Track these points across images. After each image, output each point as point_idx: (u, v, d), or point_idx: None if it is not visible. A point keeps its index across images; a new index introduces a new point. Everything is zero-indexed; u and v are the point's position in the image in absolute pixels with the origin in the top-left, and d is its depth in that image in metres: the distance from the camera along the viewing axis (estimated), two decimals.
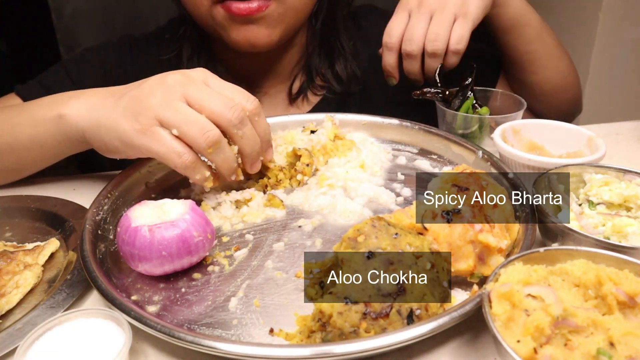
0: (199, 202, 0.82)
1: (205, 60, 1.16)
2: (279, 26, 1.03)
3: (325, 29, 1.17)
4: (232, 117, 0.74)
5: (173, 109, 0.73)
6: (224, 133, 0.76)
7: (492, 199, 0.68)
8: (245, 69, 1.20)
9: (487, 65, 1.20)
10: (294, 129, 1.02)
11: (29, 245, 0.77)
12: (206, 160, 0.78)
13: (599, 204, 0.74)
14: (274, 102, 1.23)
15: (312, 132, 0.99)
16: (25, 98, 1.06)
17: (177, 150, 0.74)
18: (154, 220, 0.68)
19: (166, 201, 0.72)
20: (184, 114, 0.73)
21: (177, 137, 0.74)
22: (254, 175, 0.89)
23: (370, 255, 0.57)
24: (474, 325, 0.61)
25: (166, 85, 0.75)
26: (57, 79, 1.13)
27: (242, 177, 0.83)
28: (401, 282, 0.56)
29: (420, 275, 0.57)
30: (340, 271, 0.58)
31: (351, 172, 0.90)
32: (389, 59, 1.03)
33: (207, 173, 0.78)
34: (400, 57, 1.04)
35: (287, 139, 0.98)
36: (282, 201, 0.85)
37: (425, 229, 0.64)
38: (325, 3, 1.14)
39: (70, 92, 0.87)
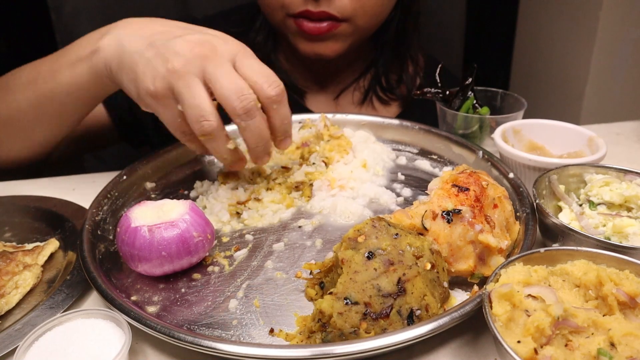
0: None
1: (271, 46, 1.19)
2: (346, 41, 1.06)
3: (396, 38, 1.20)
4: (237, 106, 0.72)
5: (186, 84, 0.72)
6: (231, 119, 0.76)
7: (492, 199, 0.68)
8: (305, 63, 1.22)
9: None
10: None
11: (29, 246, 0.77)
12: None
13: (599, 204, 0.74)
14: (342, 102, 1.26)
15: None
16: None
17: (177, 122, 0.76)
18: (154, 220, 0.68)
19: (166, 201, 0.71)
20: (191, 93, 0.72)
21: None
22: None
23: (371, 255, 0.57)
24: (474, 325, 0.60)
25: (192, 54, 0.73)
26: None
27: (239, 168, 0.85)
28: (401, 282, 0.56)
29: (420, 276, 0.57)
30: (340, 271, 0.58)
31: (354, 172, 0.90)
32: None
33: (200, 148, 0.80)
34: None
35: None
36: (310, 191, 0.86)
37: (426, 229, 0.63)
38: (397, 15, 1.17)
39: (104, 28, 0.85)
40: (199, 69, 0.73)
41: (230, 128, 0.87)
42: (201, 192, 0.90)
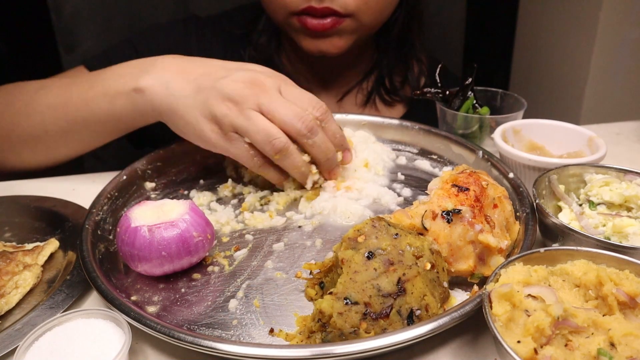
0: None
1: (274, 47, 1.20)
2: (351, 37, 1.07)
3: (399, 37, 1.20)
4: (301, 127, 0.78)
5: (246, 117, 0.77)
6: (297, 141, 0.80)
7: (492, 199, 0.68)
8: (308, 62, 1.22)
9: None
10: None
11: (29, 246, 0.77)
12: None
13: (599, 204, 0.74)
14: (345, 104, 1.26)
15: None
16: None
17: (250, 154, 0.80)
18: (154, 220, 0.68)
19: (166, 201, 0.71)
20: (253, 122, 0.77)
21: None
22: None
23: (371, 255, 0.57)
24: (474, 325, 0.60)
25: (244, 92, 0.78)
26: (125, 55, 1.11)
27: (318, 184, 0.87)
28: (401, 282, 0.56)
29: (420, 276, 0.57)
30: (340, 271, 0.58)
31: (358, 171, 0.90)
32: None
33: (277, 174, 0.84)
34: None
35: None
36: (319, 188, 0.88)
37: (426, 229, 0.63)
38: (401, 14, 1.17)
39: (140, 61, 0.87)
40: (255, 103, 0.78)
41: None
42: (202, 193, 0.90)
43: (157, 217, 0.68)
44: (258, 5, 1.14)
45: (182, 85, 0.81)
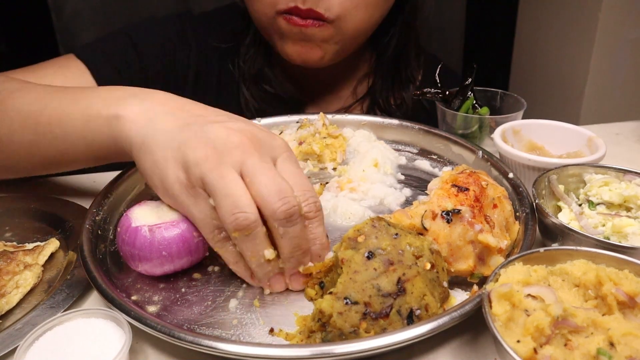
0: None
1: (262, 59, 1.18)
2: (332, 47, 1.04)
3: (395, 57, 1.19)
4: (277, 208, 0.61)
5: (220, 174, 0.61)
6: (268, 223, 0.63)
7: (491, 199, 0.68)
8: (299, 75, 1.21)
9: None
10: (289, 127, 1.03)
11: (29, 246, 0.77)
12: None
13: (599, 204, 0.74)
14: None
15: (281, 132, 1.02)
16: (88, 61, 1.05)
17: (212, 222, 0.64)
18: (154, 220, 0.68)
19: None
20: (225, 183, 0.61)
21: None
22: None
23: (371, 255, 0.57)
24: (474, 325, 0.61)
25: (231, 143, 0.64)
26: (119, 46, 1.11)
27: (277, 290, 0.68)
28: (401, 282, 0.56)
29: (420, 276, 0.57)
30: (340, 271, 0.58)
31: (366, 171, 0.91)
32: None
33: (242, 267, 0.67)
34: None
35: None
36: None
37: (425, 229, 0.64)
38: (396, 32, 1.15)
39: (131, 88, 0.76)
40: (237, 160, 0.62)
41: None
42: None
43: (157, 216, 0.68)
44: (245, 16, 1.12)
45: (168, 120, 0.68)
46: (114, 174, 0.89)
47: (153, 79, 1.13)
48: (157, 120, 0.68)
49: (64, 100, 0.78)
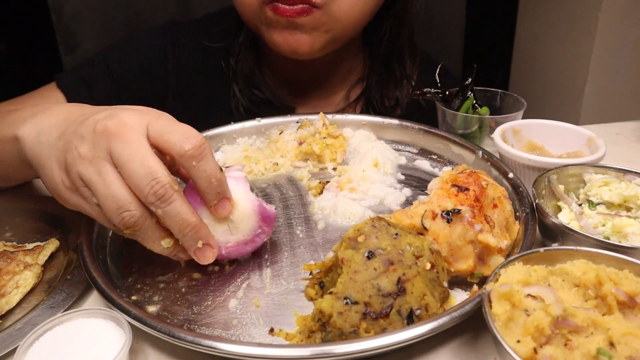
0: None
1: (253, 59, 1.17)
2: (322, 36, 1.01)
3: (388, 54, 1.17)
4: (147, 192, 0.61)
5: (96, 171, 0.62)
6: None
7: (491, 199, 0.68)
8: (291, 76, 1.19)
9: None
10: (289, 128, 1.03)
11: (29, 245, 0.77)
12: None
13: (599, 204, 0.74)
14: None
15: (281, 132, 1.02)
16: (66, 91, 1.06)
17: (103, 217, 0.64)
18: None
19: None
20: (103, 182, 0.61)
21: None
22: None
23: (371, 255, 0.57)
24: (474, 325, 0.61)
25: (96, 133, 0.62)
26: (96, 74, 1.12)
27: (186, 258, 0.69)
28: (401, 282, 0.56)
29: (420, 275, 0.57)
30: (340, 271, 0.58)
31: (367, 171, 0.91)
32: None
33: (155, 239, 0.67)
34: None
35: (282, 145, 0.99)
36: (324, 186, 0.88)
37: (425, 229, 0.64)
38: (388, 28, 1.13)
39: (37, 108, 0.76)
40: (105, 149, 0.62)
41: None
42: None
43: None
44: (236, 18, 1.11)
45: (52, 132, 0.68)
46: None
47: (132, 101, 1.11)
48: (43, 135, 0.69)
49: None
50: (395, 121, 1.03)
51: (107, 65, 1.13)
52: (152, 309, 0.65)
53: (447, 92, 1.04)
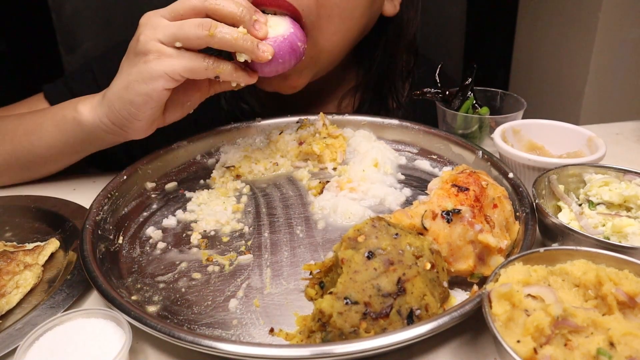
0: None
1: None
2: (307, 71, 0.98)
3: (380, 80, 1.14)
4: (200, 33, 0.75)
5: (162, 27, 0.77)
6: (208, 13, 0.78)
7: (491, 199, 0.68)
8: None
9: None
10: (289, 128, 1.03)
11: (29, 245, 0.77)
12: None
13: (599, 204, 0.74)
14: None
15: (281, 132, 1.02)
16: (53, 101, 1.08)
17: (198, 56, 0.78)
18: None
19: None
20: (172, 24, 0.77)
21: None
22: None
23: (371, 255, 0.57)
24: (474, 325, 0.61)
25: (138, 39, 0.79)
26: (83, 85, 1.12)
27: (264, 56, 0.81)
28: (401, 282, 0.56)
29: (420, 275, 0.57)
30: (340, 271, 0.58)
31: (366, 171, 0.91)
32: None
33: (227, 65, 0.80)
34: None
35: (281, 146, 0.99)
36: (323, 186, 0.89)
37: (426, 229, 0.64)
38: (379, 55, 1.11)
39: (73, 100, 0.90)
40: (156, 24, 0.78)
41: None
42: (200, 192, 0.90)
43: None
44: None
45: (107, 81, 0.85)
46: (114, 174, 0.89)
47: None
48: (102, 94, 0.86)
49: (34, 117, 0.95)
50: (395, 121, 1.03)
51: (93, 76, 1.13)
52: (152, 309, 0.65)
53: (447, 92, 1.04)
